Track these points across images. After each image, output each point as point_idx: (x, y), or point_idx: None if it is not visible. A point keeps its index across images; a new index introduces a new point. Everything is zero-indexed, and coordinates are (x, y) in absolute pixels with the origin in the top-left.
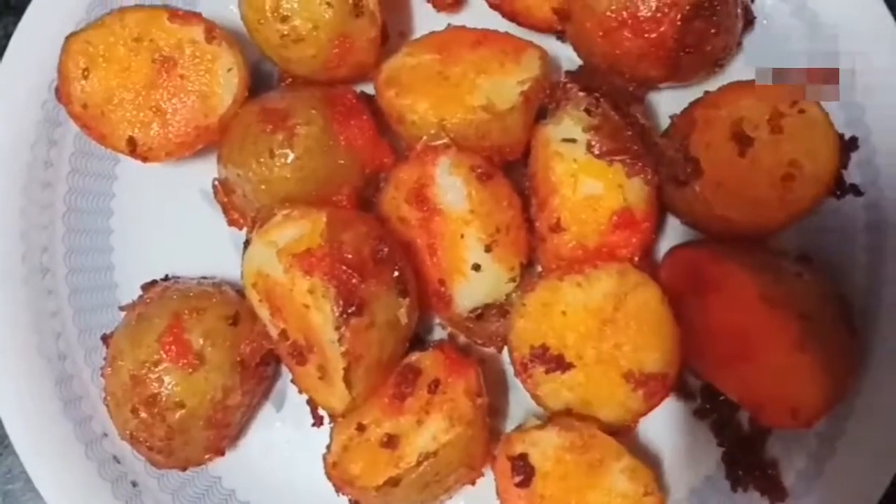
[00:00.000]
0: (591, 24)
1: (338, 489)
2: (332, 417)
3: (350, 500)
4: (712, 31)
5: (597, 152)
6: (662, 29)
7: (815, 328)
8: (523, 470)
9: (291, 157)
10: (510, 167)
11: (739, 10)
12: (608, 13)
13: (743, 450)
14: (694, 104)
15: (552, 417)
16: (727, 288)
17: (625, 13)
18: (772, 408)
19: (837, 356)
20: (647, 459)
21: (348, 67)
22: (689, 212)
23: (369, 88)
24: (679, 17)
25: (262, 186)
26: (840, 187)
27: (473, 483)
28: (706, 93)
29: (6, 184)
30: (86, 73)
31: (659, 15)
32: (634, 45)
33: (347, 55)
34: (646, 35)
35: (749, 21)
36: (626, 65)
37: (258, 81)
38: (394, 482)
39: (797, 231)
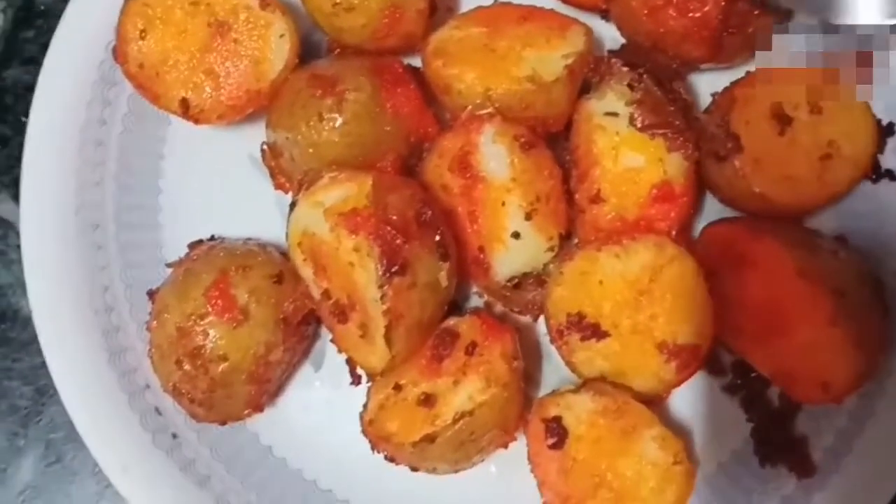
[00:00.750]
0: (636, 2)
1: (374, 446)
2: (371, 376)
3: (386, 457)
4: (755, 12)
5: (639, 126)
6: (707, 9)
7: (849, 304)
8: (556, 432)
9: (339, 121)
10: (552, 141)
11: None
12: None
13: (772, 425)
14: (735, 83)
15: (586, 382)
16: (763, 262)
17: None
18: (803, 382)
19: (870, 333)
20: (678, 432)
21: (397, 38)
22: (728, 188)
23: (416, 63)
24: None
25: (310, 150)
26: (876, 171)
27: (506, 447)
28: (748, 73)
29: (62, 141)
30: (143, 35)
31: None
32: (679, 24)
33: (397, 25)
34: (690, 14)
35: None
36: (669, 44)
37: (308, 52)
38: (430, 439)
39: (833, 214)
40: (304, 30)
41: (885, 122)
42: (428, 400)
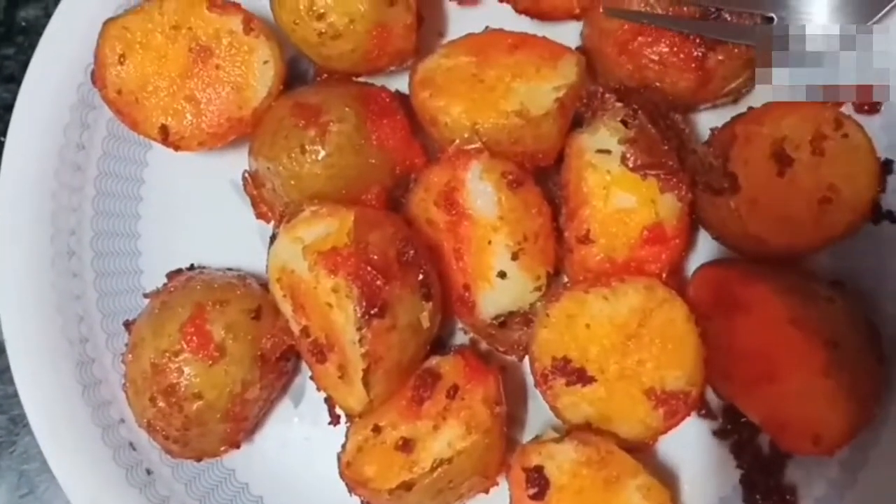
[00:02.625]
0: (610, 47)
1: (351, 489)
2: (349, 417)
3: (362, 501)
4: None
5: (631, 165)
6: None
7: (842, 355)
8: (538, 482)
9: (322, 153)
10: (541, 174)
11: None
12: (621, 31)
13: (762, 473)
14: (736, 119)
15: (570, 431)
16: (756, 309)
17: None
18: (794, 433)
19: (864, 384)
20: (665, 478)
21: (388, 56)
22: (722, 227)
23: (404, 87)
24: None
25: (292, 182)
26: (877, 213)
27: (487, 492)
28: (750, 108)
29: (38, 165)
30: (122, 59)
31: None
32: (654, 52)
33: (386, 44)
34: (662, 38)
35: None
36: (653, 78)
37: (294, 77)
38: (407, 486)
39: (831, 254)
40: (289, 54)
41: (886, 160)
42: (406, 445)
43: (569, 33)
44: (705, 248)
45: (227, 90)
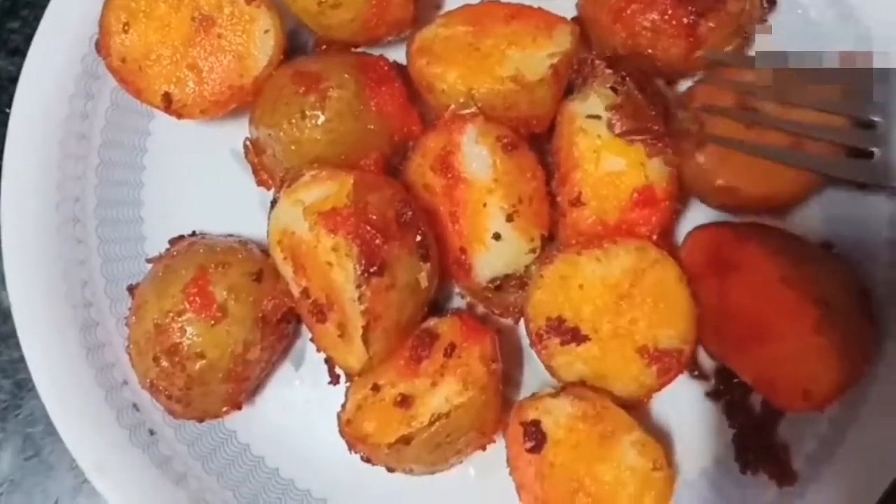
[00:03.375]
0: (604, 16)
1: (351, 446)
2: (349, 376)
3: (362, 458)
4: None
5: (616, 131)
6: None
7: (833, 313)
8: (535, 436)
9: (322, 119)
10: (535, 143)
11: None
12: None
13: (754, 432)
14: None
15: (566, 387)
16: (747, 269)
17: None
18: (784, 390)
19: (853, 342)
20: (659, 437)
21: (387, 26)
22: (696, 184)
23: (402, 59)
24: None
25: (293, 147)
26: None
27: (484, 449)
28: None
29: (44, 135)
30: (126, 28)
31: None
32: (647, 19)
33: (385, 13)
34: (655, 6)
35: None
36: (645, 45)
37: (294, 49)
38: (405, 440)
39: (821, 220)
40: (290, 26)
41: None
42: (405, 401)
43: (562, 4)
44: (697, 214)
45: (229, 59)
